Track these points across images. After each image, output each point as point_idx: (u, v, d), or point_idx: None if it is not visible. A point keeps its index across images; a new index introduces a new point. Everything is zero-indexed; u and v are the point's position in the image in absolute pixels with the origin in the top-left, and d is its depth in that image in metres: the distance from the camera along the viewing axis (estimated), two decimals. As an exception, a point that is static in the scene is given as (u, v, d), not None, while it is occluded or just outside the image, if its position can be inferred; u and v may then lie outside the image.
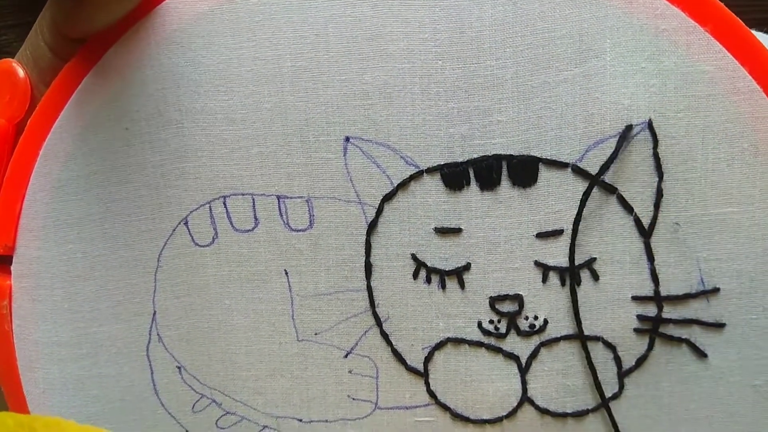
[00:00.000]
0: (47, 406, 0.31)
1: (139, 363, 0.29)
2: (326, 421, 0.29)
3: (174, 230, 0.28)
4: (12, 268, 0.29)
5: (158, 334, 0.29)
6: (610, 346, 0.27)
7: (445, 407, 0.28)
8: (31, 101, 0.29)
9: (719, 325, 0.26)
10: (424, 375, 0.28)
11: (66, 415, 0.30)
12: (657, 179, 0.26)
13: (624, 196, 0.26)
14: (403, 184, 0.27)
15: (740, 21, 0.25)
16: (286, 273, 0.28)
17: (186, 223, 0.28)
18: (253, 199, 0.28)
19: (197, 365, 0.29)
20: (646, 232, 0.26)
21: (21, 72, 0.30)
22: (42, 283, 0.29)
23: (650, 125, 0.26)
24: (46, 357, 0.30)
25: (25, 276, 0.29)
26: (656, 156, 0.26)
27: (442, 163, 0.26)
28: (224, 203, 0.28)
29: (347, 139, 0.27)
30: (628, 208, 0.26)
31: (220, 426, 0.30)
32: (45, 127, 0.28)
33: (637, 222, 0.26)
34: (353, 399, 0.29)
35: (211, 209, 0.28)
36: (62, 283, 0.29)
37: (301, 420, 0.29)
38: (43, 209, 0.29)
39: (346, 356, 0.28)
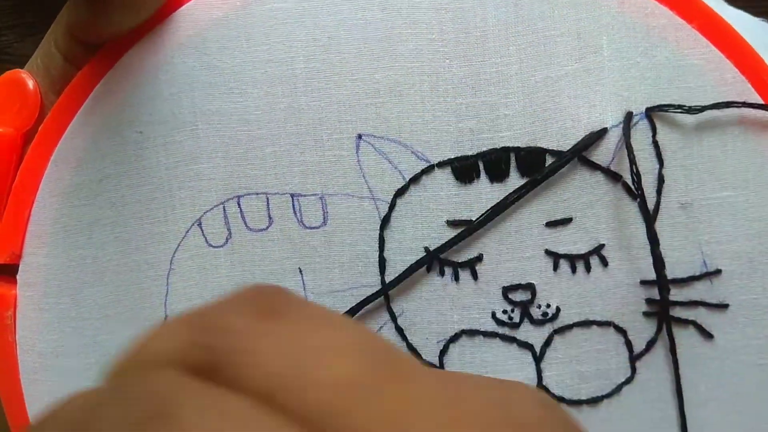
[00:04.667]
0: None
1: (149, 370, 0.29)
2: (341, 421, 0.29)
3: (187, 232, 0.28)
4: (18, 276, 0.29)
5: (169, 339, 0.29)
6: (621, 331, 0.28)
7: (461, 400, 0.28)
8: (41, 111, 0.29)
9: (723, 306, 0.27)
10: (440, 368, 0.28)
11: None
12: (658, 166, 0.27)
13: (628, 183, 0.27)
14: (415, 179, 0.28)
15: (723, 18, 0.27)
16: (301, 271, 0.28)
17: (200, 224, 0.28)
18: (267, 198, 0.28)
19: (209, 370, 0.29)
20: (650, 218, 0.27)
21: (31, 83, 0.30)
22: (49, 291, 0.29)
23: (648, 115, 0.27)
24: (50, 369, 0.29)
25: (32, 284, 0.29)
26: (656, 144, 0.27)
27: (453, 157, 0.27)
28: (238, 203, 0.28)
29: (359, 136, 0.28)
30: (632, 194, 0.27)
31: None
32: (57, 133, 0.29)
33: (642, 208, 0.27)
34: (368, 398, 0.29)
35: (225, 209, 0.28)
36: (70, 291, 0.29)
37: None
38: (53, 215, 0.28)
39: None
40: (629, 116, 0.27)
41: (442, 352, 0.28)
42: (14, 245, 0.29)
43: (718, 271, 0.27)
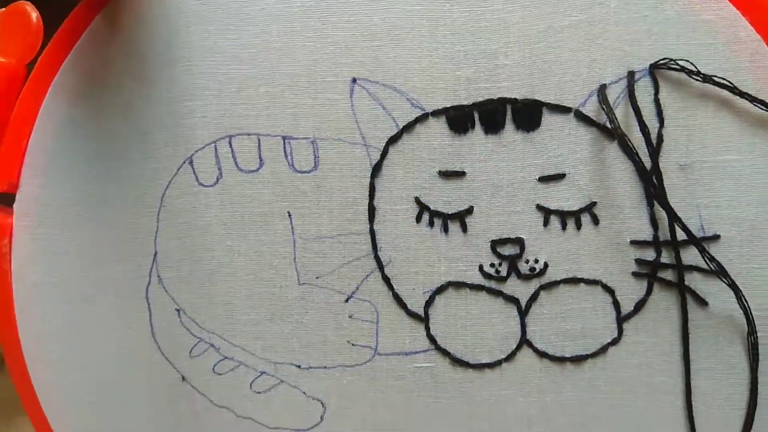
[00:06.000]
0: (43, 353, 0.30)
1: (137, 305, 0.29)
2: (325, 367, 0.29)
3: (179, 170, 0.28)
4: (14, 206, 0.29)
5: (158, 276, 0.29)
6: (609, 290, 0.27)
7: (444, 352, 0.28)
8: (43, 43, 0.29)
9: (720, 273, 0.27)
10: (424, 319, 0.28)
11: (61, 363, 0.30)
12: (658, 125, 0.26)
13: (625, 141, 0.26)
14: (409, 127, 0.27)
15: (741, -28, 0.26)
16: (290, 215, 0.28)
17: (191, 163, 0.28)
18: (259, 140, 0.28)
19: (196, 308, 0.29)
20: (646, 178, 0.26)
21: (34, 15, 0.30)
22: (44, 222, 0.29)
23: (651, 72, 0.26)
24: (44, 299, 0.30)
25: (27, 214, 0.29)
26: (657, 102, 0.26)
27: (448, 105, 0.27)
28: (230, 143, 0.28)
29: (354, 80, 0.27)
30: (629, 152, 0.26)
31: (216, 371, 0.29)
32: (55, 65, 0.29)
33: (638, 167, 0.26)
34: (353, 345, 0.29)
35: (216, 149, 0.28)
36: (64, 223, 0.29)
37: (299, 366, 0.29)
38: (50, 146, 0.29)
39: (346, 300, 0.28)
40: (632, 75, 0.26)
41: (428, 303, 0.28)
42: (11, 175, 0.29)
43: (716, 237, 0.27)
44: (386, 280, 0.28)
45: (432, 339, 0.28)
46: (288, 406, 0.29)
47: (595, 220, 0.27)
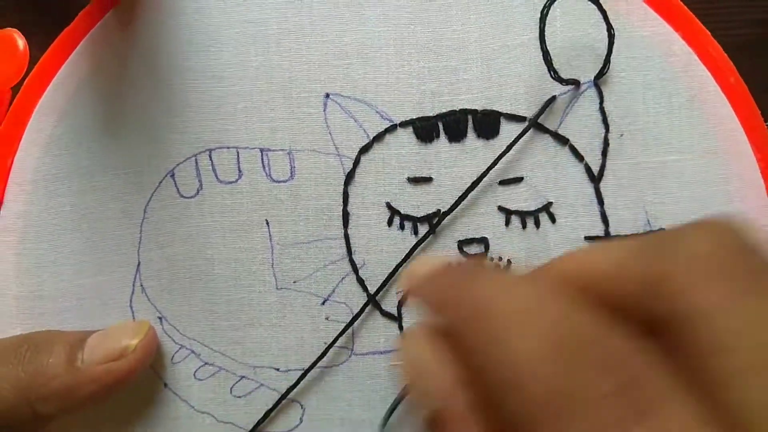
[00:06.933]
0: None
1: (122, 314, 0.30)
2: (303, 369, 0.30)
3: (161, 182, 0.30)
4: (-2, 222, 0.30)
5: (141, 285, 0.30)
6: (569, 283, 0.29)
7: (417, 348, 0.30)
8: (28, 68, 0.31)
9: (666, 264, 0.29)
10: (398, 319, 0.30)
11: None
12: (604, 131, 0.29)
13: (575, 146, 0.29)
14: (379, 137, 0.29)
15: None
16: (267, 223, 0.30)
17: (172, 176, 0.30)
18: (238, 152, 0.30)
19: (178, 315, 0.30)
20: (595, 179, 0.29)
21: (21, 42, 0.32)
22: (28, 237, 0.30)
23: (596, 83, 0.29)
24: (27, 312, 0.30)
25: (10, 230, 0.30)
26: (602, 110, 0.29)
27: (415, 117, 0.29)
28: (210, 156, 0.30)
29: (327, 95, 0.29)
30: (579, 156, 0.29)
31: (198, 377, 0.30)
32: (40, 88, 0.30)
33: (587, 169, 0.29)
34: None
35: (197, 162, 0.30)
36: (49, 236, 0.30)
37: (278, 369, 0.30)
38: (34, 164, 0.30)
39: (323, 303, 0.30)
40: (577, 85, 0.29)
41: (400, 303, 0.30)
42: (-4, 192, 0.30)
43: (661, 230, 0.29)
44: (361, 282, 0.30)
45: (405, 336, 0.30)
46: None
47: (552, 219, 0.29)
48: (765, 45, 0.35)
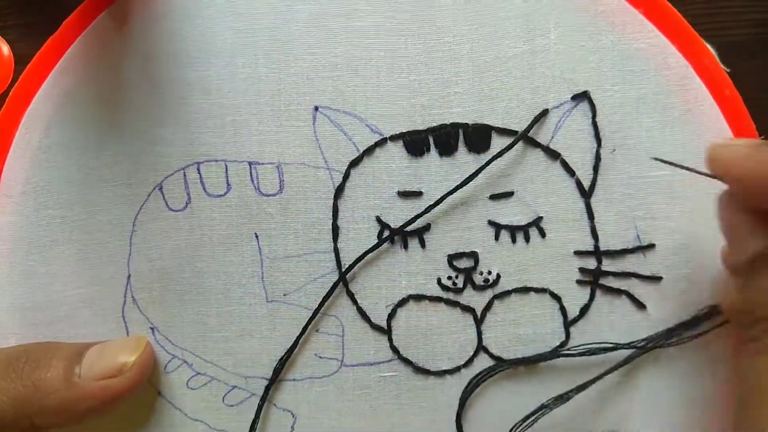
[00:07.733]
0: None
1: (114, 324, 0.30)
2: (294, 379, 0.30)
3: (149, 195, 0.30)
4: (-12, 234, 0.30)
5: (133, 297, 0.30)
6: (556, 297, 0.29)
7: (407, 361, 0.30)
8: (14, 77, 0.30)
9: (657, 278, 0.29)
10: (387, 331, 0.30)
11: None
12: (596, 146, 0.29)
13: (566, 161, 0.29)
14: (369, 151, 0.29)
15: (669, 4, 0.29)
16: (257, 236, 0.30)
17: (161, 189, 0.30)
18: (226, 165, 0.29)
19: (170, 327, 0.30)
20: (586, 193, 0.29)
21: (5, 48, 0.31)
22: (18, 248, 0.30)
23: (589, 97, 0.28)
24: (19, 323, 0.30)
25: (1, 241, 0.30)
26: (595, 125, 0.29)
27: (405, 131, 0.29)
28: (198, 169, 0.29)
29: (316, 108, 0.29)
30: (570, 171, 0.29)
31: (190, 386, 0.31)
32: (27, 98, 0.30)
33: (578, 184, 0.29)
34: (320, 357, 0.30)
35: (185, 175, 0.29)
36: (40, 248, 0.30)
37: (269, 379, 0.30)
38: (23, 175, 0.30)
39: (313, 316, 0.30)
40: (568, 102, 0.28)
41: (390, 316, 0.30)
42: (-16, 203, 0.30)
43: (651, 246, 0.29)
44: (350, 295, 0.30)
45: (395, 349, 0.30)
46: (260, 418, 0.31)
47: (542, 233, 0.29)
48: (765, 45, 0.35)
